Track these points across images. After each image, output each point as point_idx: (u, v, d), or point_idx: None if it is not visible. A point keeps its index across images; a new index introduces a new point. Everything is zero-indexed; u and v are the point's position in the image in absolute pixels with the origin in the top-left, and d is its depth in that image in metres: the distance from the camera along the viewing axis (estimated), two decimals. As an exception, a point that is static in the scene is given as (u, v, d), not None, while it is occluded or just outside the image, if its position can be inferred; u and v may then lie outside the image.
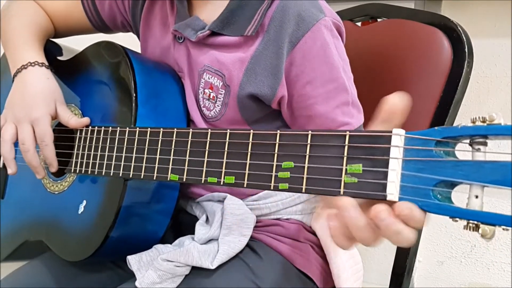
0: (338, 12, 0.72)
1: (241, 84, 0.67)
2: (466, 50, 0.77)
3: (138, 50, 0.83)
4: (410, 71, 0.84)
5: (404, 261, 0.81)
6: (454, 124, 0.37)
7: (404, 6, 0.89)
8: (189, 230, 0.71)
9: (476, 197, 0.35)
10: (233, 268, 0.67)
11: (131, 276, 0.67)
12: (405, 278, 0.81)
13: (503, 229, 0.34)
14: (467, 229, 0.35)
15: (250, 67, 0.67)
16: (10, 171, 0.72)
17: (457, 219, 0.36)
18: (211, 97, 0.70)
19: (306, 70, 0.65)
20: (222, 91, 0.69)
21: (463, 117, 1.47)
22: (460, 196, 0.38)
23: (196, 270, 0.65)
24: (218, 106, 0.70)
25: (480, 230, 0.35)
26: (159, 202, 0.71)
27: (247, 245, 0.69)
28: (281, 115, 0.72)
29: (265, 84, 0.66)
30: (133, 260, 0.65)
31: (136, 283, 0.63)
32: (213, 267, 0.64)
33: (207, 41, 0.70)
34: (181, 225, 0.77)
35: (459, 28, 0.78)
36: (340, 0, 1.22)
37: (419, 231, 0.81)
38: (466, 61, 0.77)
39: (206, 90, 0.71)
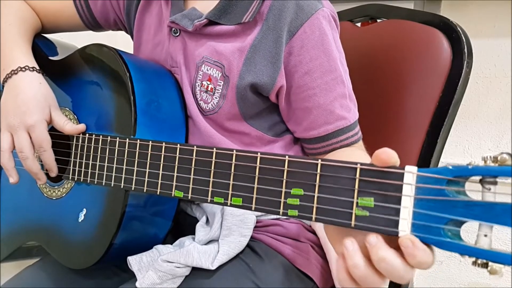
0: (338, 13, 0.72)
1: (241, 74, 0.67)
2: (466, 50, 0.77)
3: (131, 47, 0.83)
4: (410, 71, 0.84)
5: (404, 261, 0.81)
6: (466, 163, 0.37)
7: (403, 7, 0.89)
8: (190, 231, 0.71)
9: (485, 235, 0.36)
10: (233, 269, 0.67)
11: (132, 277, 0.67)
12: (405, 278, 0.81)
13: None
14: (475, 265, 0.36)
15: (250, 56, 0.67)
16: (12, 180, 0.71)
17: (466, 256, 0.36)
18: (209, 89, 0.70)
19: (304, 59, 0.65)
20: (220, 82, 0.69)
21: (463, 117, 1.47)
22: (468, 228, 0.39)
23: (196, 271, 0.65)
24: (216, 98, 0.70)
25: (489, 268, 0.35)
26: (161, 206, 0.71)
27: (247, 246, 0.69)
28: (278, 111, 0.72)
29: (265, 73, 0.66)
30: (133, 261, 0.65)
31: (137, 284, 0.63)
32: (213, 268, 0.64)
33: (204, 31, 0.70)
34: (181, 226, 0.77)
35: (459, 29, 0.78)
36: (340, 0, 1.22)
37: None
38: (465, 61, 0.77)
39: (204, 82, 0.70)
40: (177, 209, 0.73)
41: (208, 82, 0.70)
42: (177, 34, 0.73)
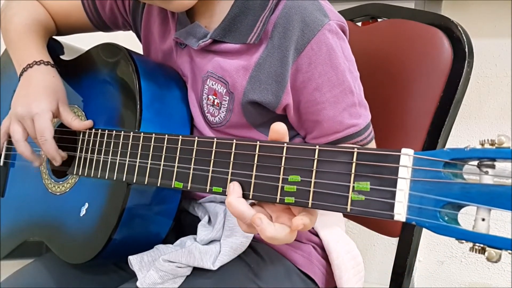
0: (338, 12, 0.72)
1: (245, 92, 0.67)
2: (466, 50, 0.77)
3: (140, 49, 0.83)
4: (410, 71, 0.84)
5: (404, 261, 0.81)
6: (464, 146, 0.36)
7: (404, 6, 0.89)
8: (191, 230, 0.71)
9: (483, 219, 0.35)
10: (234, 269, 0.66)
11: (132, 277, 0.67)
12: (405, 278, 0.82)
13: (509, 253, 0.33)
14: (473, 251, 0.35)
15: (254, 75, 0.66)
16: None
17: (463, 241, 0.36)
18: (215, 103, 0.70)
19: (313, 76, 0.64)
20: (226, 98, 0.69)
21: (464, 117, 1.47)
22: (467, 215, 0.38)
23: (197, 271, 0.65)
24: (222, 112, 0.70)
25: (486, 253, 0.34)
26: (162, 204, 0.71)
27: (249, 246, 0.69)
28: (287, 118, 0.71)
29: (269, 91, 0.66)
30: (134, 260, 0.65)
31: (138, 283, 0.63)
32: (215, 268, 0.64)
33: (210, 48, 0.69)
34: (183, 225, 0.77)
35: (459, 28, 0.78)
36: (340, 0, 1.22)
37: (418, 231, 0.81)
38: (466, 61, 0.76)
39: (210, 97, 0.70)
40: (178, 208, 0.73)
41: (214, 97, 0.70)
42: (184, 46, 0.73)
